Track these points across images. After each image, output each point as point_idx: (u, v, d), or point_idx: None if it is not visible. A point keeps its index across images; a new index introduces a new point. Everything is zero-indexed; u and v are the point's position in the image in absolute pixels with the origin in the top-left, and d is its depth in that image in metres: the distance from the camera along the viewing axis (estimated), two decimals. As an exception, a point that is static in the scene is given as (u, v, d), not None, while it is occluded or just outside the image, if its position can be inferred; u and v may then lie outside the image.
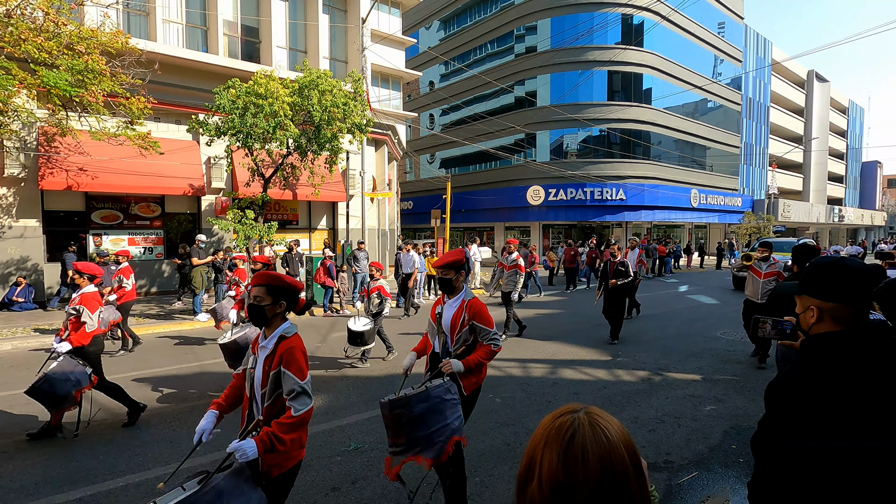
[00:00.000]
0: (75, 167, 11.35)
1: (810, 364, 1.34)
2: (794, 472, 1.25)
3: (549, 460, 0.80)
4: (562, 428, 0.83)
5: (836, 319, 1.36)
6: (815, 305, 1.39)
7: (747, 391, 5.85)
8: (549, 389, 5.91)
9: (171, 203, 13.95)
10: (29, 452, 4.24)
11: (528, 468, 0.85)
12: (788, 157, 43.70)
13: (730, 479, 3.77)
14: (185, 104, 13.28)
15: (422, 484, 3.45)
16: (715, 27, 33.71)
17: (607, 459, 0.80)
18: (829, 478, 1.20)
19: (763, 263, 6.99)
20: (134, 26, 13.74)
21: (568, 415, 0.86)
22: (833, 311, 1.36)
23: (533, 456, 0.84)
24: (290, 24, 16.49)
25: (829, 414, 1.23)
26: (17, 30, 8.46)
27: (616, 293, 8.39)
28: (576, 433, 0.81)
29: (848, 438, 1.19)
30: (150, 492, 3.57)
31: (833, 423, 1.22)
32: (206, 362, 7.23)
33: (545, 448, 0.82)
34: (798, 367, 1.36)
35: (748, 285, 7.09)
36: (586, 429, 0.82)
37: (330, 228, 17.02)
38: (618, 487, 0.79)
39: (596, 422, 0.83)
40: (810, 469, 1.23)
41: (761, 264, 6.99)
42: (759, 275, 6.96)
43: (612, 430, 0.83)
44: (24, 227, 11.62)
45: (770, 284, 6.81)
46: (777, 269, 6.88)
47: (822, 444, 1.22)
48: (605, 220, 27.77)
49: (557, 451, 0.80)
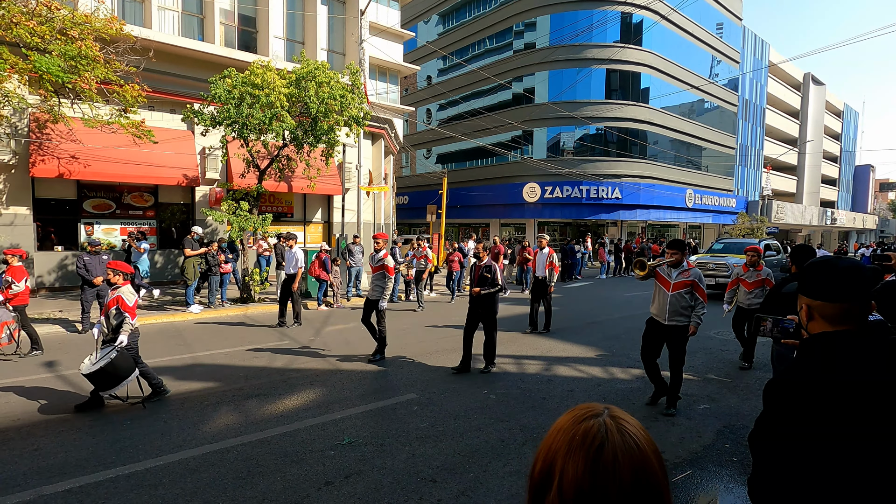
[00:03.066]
0: (67, 155, 11.19)
1: (808, 363, 1.35)
2: (791, 471, 1.26)
3: (573, 469, 0.74)
4: (588, 434, 0.76)
5: (827, 318, 1.37)
6: (807, 304, 1.43)
7: (740, 390, 5.88)
8: (544, 386, 5.91)
9: (165, 193, 13.80)
10: (17, 443, 4.18)
11: (544, 475, 0.78)
12: (783, 159, 43.98)
13: (723, 479, 3.77)
14: (180, 93, 13.11)
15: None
16: (713, 27, 33.76)
17: (640, 470, 0.74)
18: (827, 477, 1.20)
19: (673, 271, 5.05)
20: (129, 13, 13.53)
21: (592, 419, 0.79)
22: (821, 310, 1.38)
23: (552, 462, 0.78)
24: (288, 14, 16.32)
25: (826, 414, 1.23)
26: (9, 13, 8.29)
27: (479, 305, 6.48)
28: (605, 442, 0.75)
29: (845, 439, 1.20)
30: (140, 483, 3.52)
31: (830, 423, 1.22)
32: (199, 354, 7.17)
33: (568, 455, 0.76)
34: (796, 365, 1.37)
35: (653, 300, 5.23)
36: (615, 436, 0.76)
37: (325, 222, 16.92)
38: (650, 498, 0.74)
39: (625, 428, 0.77)
40: (807, 468, 1.23)
41: (671, 272, 5.07)
42: (668, 286, 5.05)
43: (641, 436, 0.78)
44: (15, 214, 11.44)
45: (681, 299, 4.94)
46: (692, 279, 4.94)
47: (819, 444, 1.22)
48: (600, 218, 27.83)
49: (584, 459, 0.74)
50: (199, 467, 3.79)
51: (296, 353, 7.30)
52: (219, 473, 3.70)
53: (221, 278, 10.92)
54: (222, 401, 5.25)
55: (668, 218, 30.32)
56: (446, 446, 4.21)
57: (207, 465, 3.83)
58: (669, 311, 4.99)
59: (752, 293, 7.00)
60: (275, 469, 3.77)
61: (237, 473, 3.70)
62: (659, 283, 5.16)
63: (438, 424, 4.68)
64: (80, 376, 5.22)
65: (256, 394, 5.48)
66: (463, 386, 5.88)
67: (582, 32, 26.88)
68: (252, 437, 4.32)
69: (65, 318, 9.13)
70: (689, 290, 4.97)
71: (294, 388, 5.69)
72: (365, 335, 7.63)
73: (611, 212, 27.48)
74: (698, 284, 4.96)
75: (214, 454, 4.01)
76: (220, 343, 7.86)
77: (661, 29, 28.61)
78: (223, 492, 3.44)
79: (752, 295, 7.02)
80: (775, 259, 14.88)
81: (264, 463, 3.87)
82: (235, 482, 3.57)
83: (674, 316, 4.99)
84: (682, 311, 4.98)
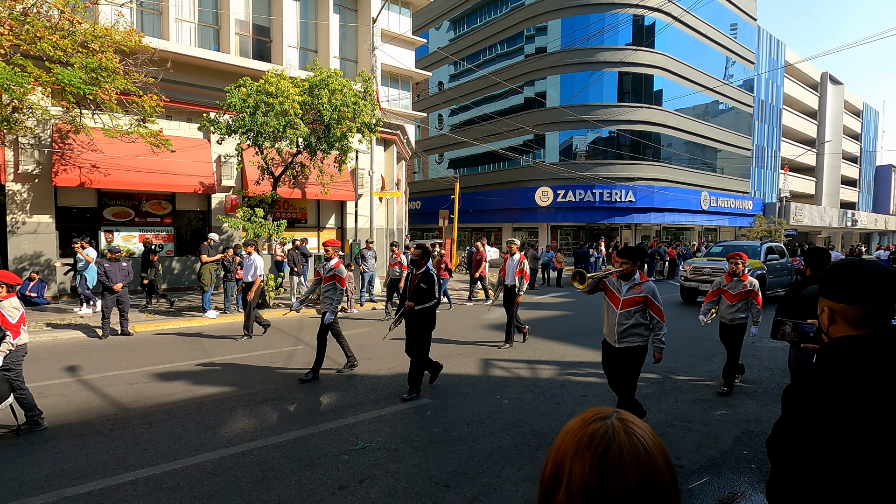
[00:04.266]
0: (88, 164, 11.47)
1: (829, 367, 1.33)
2: (810, 477, 1.25)
3: (581, 469, 0.76)
4: (595, 436, 0.78)
5: (848, 321, 1.35)
6: (828, 307, 1.40)
7: (759, 396, 5.78)
8: (558, 391, 5.87)
9: (182, 200, 14.05)
10: (39, 445, 4.28)
11: (554, 475, 0.80)
12: (801, 160, 43.19)
13: (741, 486, 3.71)
14: (196, 102, 13.38)
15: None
16: (727, 28, 33.40)
17: (646, 470, 0.76)
18: (847, 485, 1.18)
19: (624, 284, 4.29)
20: (147, 25, 13.86)
21: (600, 421, 0.81)
22: (843, 312, 1.35)
23: (561, 463, 0.80)
24: (301, 23, 16.56)
25: (848, 419, 1.22)
26: (34, 28, 8.56)
27: (413, 322, 5.66)
28: (611, 442, 0.77)
29: (866, 445, 1.17)
30: (158, 486, 3.58)
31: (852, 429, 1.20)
32: (215, 359, 7.27)
33: (576, 456, 0.78)
34: (817, 370, 1.35)
35: (603, 318, 4.53)
36: (622, 437, 0.77)
37: (338, 227, 17.06)
38: (656, 499, 0.75)
39: (631, 430, 0.79)
40: (827, 474, 1.22)
41: (621, 285, 4.29)
42: (617, 302, 4.25)
43: (648, 438, 0.79)
44: (38, 222, 11.76)
45: (631, 318, 4.20)
46: (644, 295, 4.20)
47: (840, 450, 1.20)
48: (613, 221, 27.61)
49: (591, 460, 0.76)
50: (216, 471, 3.84)
51: (309, 357, 7.36)
52: (235, 477, 3.74)
53: (237, 284, 11.07)
54: (238, 405, 5.31)
55: (682, 221, 29.95)
56: (460, 451, 4.21)
57: (224, 468, 3.88)
58: (619, 331, 4.22)
59: (736, 307, 5.85)
60: (290, 473, 3.81)
61: (253, 477, 3.74)
62: (608, 298, 4.38)
63: (452, 429, 4.68)
64: (101, 381, 5.33)
65: (271, 398, 5.54)
66: (476, 391, 5.87)
67: (594, 36, 26.79)
68: (267, 441, 4.37)
69: (86, 324, 9.33)
70: (643, 307, 4.20)
71: (308, 393, 5.73)
72: (378, 339, 7.67)
73: (624, 215, 27.25)
74: (652, 301, 4.18)
75: (230, 458, 4.06)
76: (235, 348, 7.96)
77: (673, 31, 28.39)
78: (239, 495, 3.48)
79: (734, 309, 5.86)
80: (778, 263, 14.04)
81: (279, 467, 3.91)
82: (251, 486, 3.61)
83: (624, 338, 4.21)
84: (634, 331, 4.21)
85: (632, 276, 4.27)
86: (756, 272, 12.09)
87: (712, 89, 31.57)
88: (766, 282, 12.68)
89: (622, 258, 4.27)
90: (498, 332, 9.20)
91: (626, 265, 4.23)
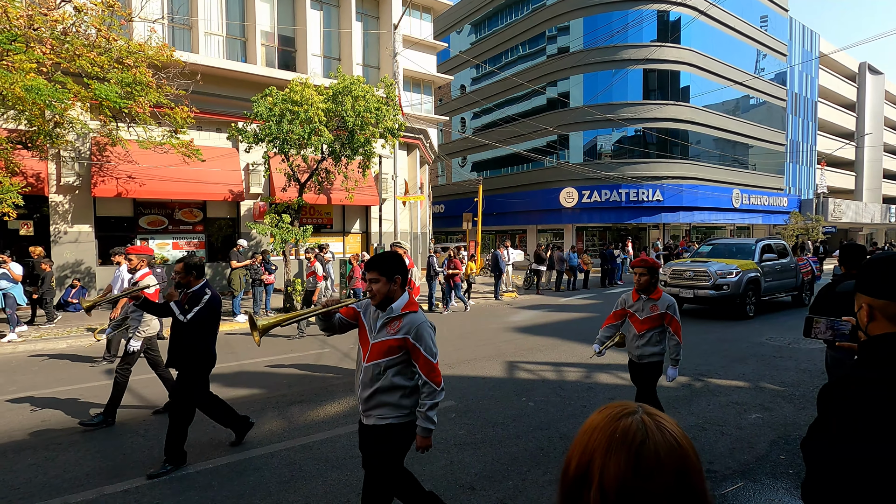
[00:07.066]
0: (124, 175, 11.95)
1: (867, 366, 1.27)
2: (847, 481, 1.19)
3: (616, 466, 0.75)
4: (628, 432, 0.77)
5: (890, 318, 1.29)
6: (867, 303, 1.34)
7: (796, 399, 5.56)
8: (585, 394, 5.79)
9: (212, 208, 14.48)
10: (82, 445, 4.46)
11: (582, 473, 0.79)
12: (839, 154, 41.43)
13: (778, 491, 3.58)
14: (225, 113, 13.78)
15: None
16: (757, 21, 32.42)
17: (682, 466, 0.75)
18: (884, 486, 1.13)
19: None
20: (178, 39, 14.37)
21: (629, 416, 0.80)
22: (885, 309, 1.29)
23: (590, 461, 0.78)
24: (325, 32, 16.88)
25: (885, 420, 1.16)
26: (73, 46, 8.98)
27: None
28: (647, 439, 0.76)
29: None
30: (191, 485, 3.69)
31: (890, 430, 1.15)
32: (245, 362, 7.44)
33: (609, 453, 0.76)
34: (855, 369, 1.29)
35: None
36: (656, 433, 0.76)
37: (363, 232, 17.27)
38: (692, 495, 0.75)
39: (663, 425, 0.78)
40: (865, 478, 1.17)
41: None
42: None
43: (678, 433, 0.78)
44: (79, 232, 12.30)
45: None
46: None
47: (877, 452, 1.15)
48: (641, 221, 27.08)
49: (626, 456, 0.75)
50: (246, 471, 3.93)
51: (337, 360, 7.46)
52: (263, 477, 3.82)
53: (265, 289, 11.30)
54: (266, 407, 5.42)
55: (713, 220, 29.14)
56: (485, 454, 4.19)
57: (253, 468, 3.97)
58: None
59: (645, 337, 4.07)
60: (317, 474, 3.86)
61: (281, 477, 3.81)
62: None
63: (477, 432, 4.66)
64: (138, 382, 5.52)
65: (299, 400, 5.63)
66: (501, 394, 5.84)
67: (617, 33, 26.41)
68: (295, 443, 4.44)
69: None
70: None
71: (335, 395, 5.81)
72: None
73: (652, 215, 26.69)
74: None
75: (260, 458, 4.15)
76: (264, 351, 8.13)
77: (700, 25, 27.72)
78: (268, 494, 3.55)
79: (644, 340, 4.08)
80: (778, 264, 11.94)
81: (307, 468, 3.97)
82: (279, 486, 3.68)
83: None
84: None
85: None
86: (748, 275, 10.67)
87: (743, 84, 30.65)
88: (760, 286, 11.09)
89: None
90: (521, 335, 9.14)
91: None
